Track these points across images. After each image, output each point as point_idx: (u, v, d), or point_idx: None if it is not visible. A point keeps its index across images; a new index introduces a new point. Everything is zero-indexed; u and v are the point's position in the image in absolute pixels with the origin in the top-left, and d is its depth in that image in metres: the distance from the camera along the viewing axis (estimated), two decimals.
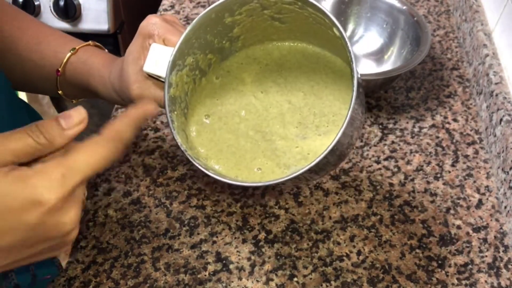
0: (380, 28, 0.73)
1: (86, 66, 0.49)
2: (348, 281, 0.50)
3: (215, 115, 0.48)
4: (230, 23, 0.46)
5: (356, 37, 0.75)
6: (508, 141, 0.57)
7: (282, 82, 0.49)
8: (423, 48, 0.64)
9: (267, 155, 0.46)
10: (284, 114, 0.47)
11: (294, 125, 0.47)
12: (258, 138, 0.47)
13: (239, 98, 0.49)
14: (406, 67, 0.62)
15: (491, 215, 0.56)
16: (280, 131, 0.47)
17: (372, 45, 0.74)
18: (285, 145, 0.46)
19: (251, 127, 0.47)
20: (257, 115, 0.48)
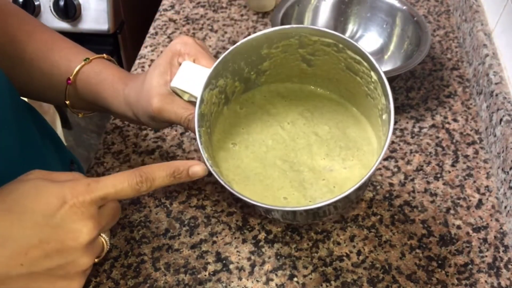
0: (380, 28, 0.73)
1: (99, 77, 0.48)
2: (348, 281, 0.50)
3: (241, 143, 0.49)
4: (265, 54, 0.47)
5: (356, 37, 0.75)
6: (508, 141, 0.57)
7: (309, 116, 0.50)
8: (423, 48, 0.64)
9: (295, 186, 0.46)
10: (312, 145, 0.48)
11: (321, 156, 0.48)
12: (286, 168, 0.47)
13: (266, 128, 0.50)
14: (406, 67, 0.62)
15: (491, 215, 0.56)
16: (308, 162, 0.48)
17: (372, 45, 0.74)
18: (313, 176, 0.47)
19: (278, 157, 0.48)
20: (285, 145, 0.49)
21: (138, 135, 0.65)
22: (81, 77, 0.48)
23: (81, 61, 0.48)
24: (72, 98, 0.50)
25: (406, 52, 0.69)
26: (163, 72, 0.44)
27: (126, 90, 0.46)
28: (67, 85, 0.48)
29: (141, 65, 0.75)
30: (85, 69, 0.48)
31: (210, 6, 0.86)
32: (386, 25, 0.73)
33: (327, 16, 0.76)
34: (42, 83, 0.50)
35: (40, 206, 0.32)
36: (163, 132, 0.65)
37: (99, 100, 0.49)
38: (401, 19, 0.71)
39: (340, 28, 0.76)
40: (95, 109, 0.52)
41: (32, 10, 1.01)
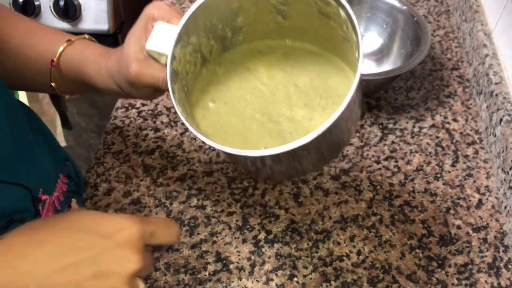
0: (380, 28, 0.73)
1: (82, 56, 0.49)
2: (348, 281, 0.50)
3: (220, 100, 0.48)
4: (236, 8, 0.46)
5: None
6: (508, 141, 0.57)
7: (289, 70, 0.49)
8: (423, 48, 0.64)
9: (274, 135, 0.45)
10: (291, 97, 0.47)
11: (300, 107, 0.47)
12: (264, 120, 0.47)
13: (244, 84, 0.49)
14: (406, 67, 0.62)
15: (491, 215, 0.56)
16: (287, 113, 0.47)
17: (372, 45, 0.74)
18: (292, 126, 0.46)
19: (257, 110, 0.47)
20: (263, 99, 0.48)
21: (138, 135, 0.65)
22: (65, 58, 0.49)
23: (64, 43, 0.49)
24: (58, 80, 0.51)
25: (406, 52, 0.69)
26: (139, 38, 0.45)
27: (109, 64, 0.47)
28: (51, 68, 0.49)
29: None
30: (67, 50, 0.49)
31: None
32: (386, 25, 0.73)
33: None
34: (28, 70, 0.51)
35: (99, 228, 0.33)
36: (163, 132, 0.65)
37: (83, 78, 0.50)
38: (401, 19, 0.71)
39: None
40: (81, 89, 0.53)
41: (32, 10, 1.01)
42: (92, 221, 0.34)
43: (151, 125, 0.66)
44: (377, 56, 0.73)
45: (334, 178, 0.59)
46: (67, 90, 0.53)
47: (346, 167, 0.61)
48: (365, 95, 0.70)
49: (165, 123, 0.66)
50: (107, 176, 0.59)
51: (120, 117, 0.67)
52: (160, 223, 0.36)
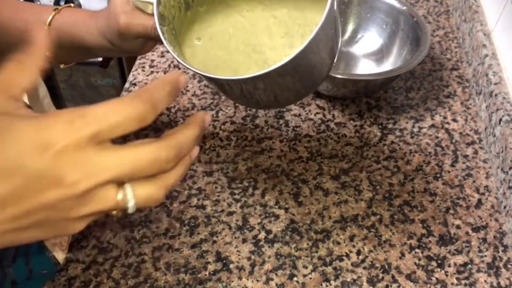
0: (380, 29, 0.74)
1: (71, 21, 0.51)
2: (348, 280, 0.50)
3: (205, 36, 0.50)
4: None
5: (356, 38, 0.76)
6: (507, 141, 0.57)
7: (268, 2, 0.51)
8: (423, 48, 0.64)
9: (260, 65, 0.48)
10: (271, 27, 0.50)
11: (280, 35, 0.49)
12: (249, 51, 0.49)
13: (226, 19, 0.51)
14: (406, 67, 0.62)
15: (491, 215, 0.56)
16: (268, 43, 0.49)
17: (372, 45, 0.74)
18: (275, 54, 0.48)
19: (241, 42, 0.50)
20: (245, 31, 0.50)
21: (138, 135, 0.65)
22: (54, 25, 0.51)
23: (52, 12, 0.51)
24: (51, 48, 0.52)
25: (406, 52, 0.69)
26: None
27: (98, 22, 0.49)
28: None
29: (141, 65, 0.75)
30: (56, 18, 0.51)
31: None
32: (386, 25, 0.73)
33: None
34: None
35: (12, 153, 0.25)
36: (163, 132, 0.65)
37: (75, 42, 0.51)
38: (400, 19, 0.71)
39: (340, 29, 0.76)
40: (74, 55, 0.54)
41: None
42: (4, 143, 0.25)
43: (151, 125, 0.66)
44: (377, 56, 0.74)
45: (334, 178, 0.59)
46: (60, 59, 0.55)
47: (346, 167, 0.61)
48: (365, 95, 0.70)
49: (165, 123, 0.66)
50: None
51: None
52: (103, 117, 0.26)
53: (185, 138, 0.31)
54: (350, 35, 0.76)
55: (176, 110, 0.68)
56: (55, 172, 0.25)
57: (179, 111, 0.68)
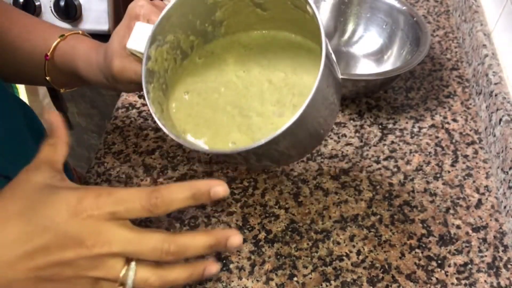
0: (380, 29, 0.74)
1: (74, 50, 0.51)
2: (348, 280, 0.50)
3: (194, 91, 0.48)
4: (211, 5, 0.46)
5: (356, 38, 0.76)
6: (507, 141, 0.57)
7: (266, 64, 0.49)
8: (423, 48, 0.64)
9: (242, 130, 0.46)
10: (264, 92, 0.47)
11: (272, 103, 0.47)
12: (235, 113, 0.47)
13: (220, 76, 0.49)
14: (406, 67, 0.62)
15: (491, 215, 0.56)
16: (257, 108, 0.47)
17: (372, 45, 0.74)
18: (261, 121, 0.46)
19: (229, 103, 0.48)
20: (237, 92, 0.48)
21: (138, 135, 0.65)
22: (58, 53, 0.51)
23: (58, 38, 0.51)
24: (52, 74, 0.53)
25: (406, 52, 0.69)
26: (122, 36, 0.46)
27: (98, 58, 0.49)
28: (45, 61, 0.51)
29: None
30: (61, 45, 0.51)
31: None
32: (386, 25, 0.73)
33: (327, 16, 0.76)
34: (24, 64, 0.53)
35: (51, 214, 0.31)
36: (163, 132, 0.65)
37: (76, 72, 0.51)
38: (400, 19, 0.71)
39: (340, 29, 0.76)
40: (75, 82, 0.55)
41: (33, 10, 1.02)
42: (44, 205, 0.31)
43: (152, 125, 0.66)
44: (377, 56, 0.74)
45: (334, 178, 0.59)
46: (61, 84, 0.55)
47: (346, 167, 0.61)
48: (365, 95, 0.70)
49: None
50: (108, 176, 0.60)
51: (120, 117, 0.67)
52: (121, 201, 0.32)
53: (193, 242, 0.33)
54: (350, 35, 0.76)
55: None
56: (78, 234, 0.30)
57: None
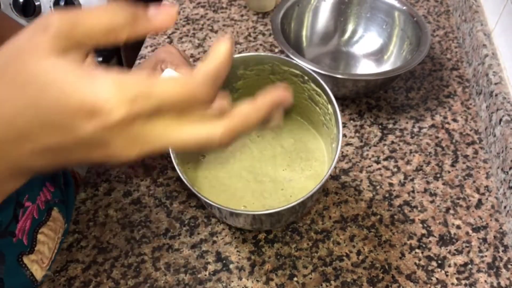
0: (380, 28, 0.73)
1: None
2: (348, 280, 0.50)
3: (211, 155, 0.53)
4: (240, 75, 0.52)
5: (356, 37, 0.76)
6: (507, 141, 0.57)
7: (278, 130, 0.56)
8: (423, 48, 0.64)
9: (256, 196, 0.51)
10: (276, 157, 0.54)
11: (283, 167, 0.53)
12: (250, 179, 0.52)
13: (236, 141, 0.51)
14: (406, 67, 0.62)
15: (491, 215, 0.56)
16: (271, 173, 0.53)
17: (372, 45, 0.74)
18: (273, 187, 0.52)
19: (244, 168, 0.53)
20: (252, 157, 0.54)
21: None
22: None
23: None
24: None
25: (405, 52, 0.69)
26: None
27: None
28: None
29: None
30: None
31: (210, 7, 0.86)
32: (386, 25, 0.73)
33: (327, 16, 0.76)
34: None
35: (64, 111, 0.22)
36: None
37: None
38: (400, 19, 0.71)
39: (340, 28, 0.76)
40: None
41: (33, 10, 1.01)
42: (65, 89, 0.22)
43: None
44: (377, 56, 0.74)
45: (334, 178, 0.59)
46: None
47: (346, 167, 0.61)
48: (365, 95, 0.70)
49: None
50: (108, 176, 0.60)
51: None
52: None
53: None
54: (350, 35, 0.76)
55: None
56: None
57: None
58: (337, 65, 0.74)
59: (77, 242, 0.53)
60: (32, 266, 0.45)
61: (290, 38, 0.71)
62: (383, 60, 0.73)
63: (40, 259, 0.46)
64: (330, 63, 0.75)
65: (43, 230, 0.47)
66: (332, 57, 0.76)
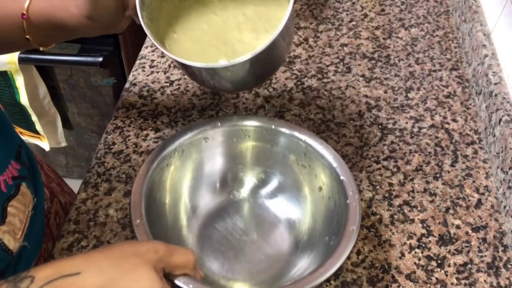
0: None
1: (47, 2, 0.51)
2: (348, 280, 0.50)
3: (180, 31, 0.54)
4: None
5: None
6: (507, 141, 0.57)
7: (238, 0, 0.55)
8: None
9: (229, 55, 0.53)
10: (241, 24, 0.54)
11: (249, 31, 0.54)
12: (220, 44, 0.54)
13: (201, 16, 0.55)
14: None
15: (490, 215, 0.56)
16: (238, 36, 0.54)
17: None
18: (243, 46, 0.53)
19: (213, 37, 0.54)
20: (218, 27, 0.55)
21: (138, 135, 0.65)
22: (33, 9, 0.51)
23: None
24: (32, 33, 0.53)
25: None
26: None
27: (76, 1, 0.50)
28: (23, 21, 0.51)
29: (141, 65, 0.76)
30: (33, 2, 0.51)
31: None
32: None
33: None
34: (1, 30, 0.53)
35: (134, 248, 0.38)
36: (163, 132, 0.65)
37: (56, 24, 0.52)
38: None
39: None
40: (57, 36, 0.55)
41: None
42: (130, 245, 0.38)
43: (152, 125, 0.66)
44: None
45: None
46: (42, 42, 0.55)
47: None
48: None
49: (165, 123, 0.66)
50: (108, 176, 0.60)
51: (120, 117, 0.67)
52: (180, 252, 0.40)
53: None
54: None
55: (176, 110, 0.68)
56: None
57: (179, 111, 0.68)
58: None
59: (78, 241, 0.53)
60: (3, 236, 0.46)
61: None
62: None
63: (12, 230, 0.48)
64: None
65: (13, 203, 0.48)
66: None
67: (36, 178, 0.56)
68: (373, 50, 0.78)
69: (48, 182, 0.61)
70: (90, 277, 0.34)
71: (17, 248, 0.49)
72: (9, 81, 1.05)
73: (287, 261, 0.50)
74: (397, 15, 0.86)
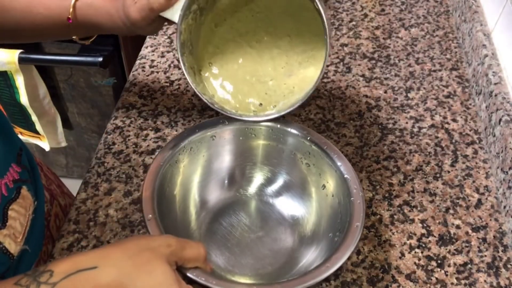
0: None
1: (92, 8, 0.54)
2: (348, 280, 0.50)
3: (217, 63, 0.56)
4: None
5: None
6: (507, 141, 0.57)
7: (273, 31, 0.56)
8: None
9: (261, 95, 0.55)
10: (275, 58, 0.56)
11: (282, 65, 0.56)
12: (253, 81, 0.56)
13: (237, 49, 0.56)
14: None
15: (490, 215, 0.56)
16: (271, 73, 0.56)
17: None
18: (276, 84, 0.55)
19: (248, 72, 0.56)
20: (253, 62, 0.56)
21: (138, 135, 0.65)
22: (78, 13, 0.54)
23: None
24: (76, 33, 0.57)
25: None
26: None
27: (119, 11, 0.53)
28: (69, 24, 0.54)
29: (141, 65, 0.76)
30: (77, 5, 0.54)
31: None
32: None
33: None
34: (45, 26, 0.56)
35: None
36: (163, 132, 0.65)
37: (100, 29, 0.56)
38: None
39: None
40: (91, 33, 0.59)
41: None
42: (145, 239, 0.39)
43: (152, 125, 0.66)
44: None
45: None
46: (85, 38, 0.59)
47: None
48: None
49: (165, 123, 0.66)
50: (108, 176, 0.60)
51: (120, 117, 0.67)
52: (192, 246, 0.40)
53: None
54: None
55: (176, 110, 0.68)
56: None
57: (179, 111, 0.68)
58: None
59: (78, 241, 0.53)
60: (4, 240, 0.46)
61: None
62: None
63: (13, 233, 0.48)
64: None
65: (14, 206, 0.48)
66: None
67: (36, 181, 0.56)
68: (373, 50, 0.78)
69: (48, 184, 0.61)
70: (106, 271, 0.35)
71: (18, 252, 0.48)
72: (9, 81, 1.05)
73: (292, 257, 0.50)
74: (397, 15, 0.86)
